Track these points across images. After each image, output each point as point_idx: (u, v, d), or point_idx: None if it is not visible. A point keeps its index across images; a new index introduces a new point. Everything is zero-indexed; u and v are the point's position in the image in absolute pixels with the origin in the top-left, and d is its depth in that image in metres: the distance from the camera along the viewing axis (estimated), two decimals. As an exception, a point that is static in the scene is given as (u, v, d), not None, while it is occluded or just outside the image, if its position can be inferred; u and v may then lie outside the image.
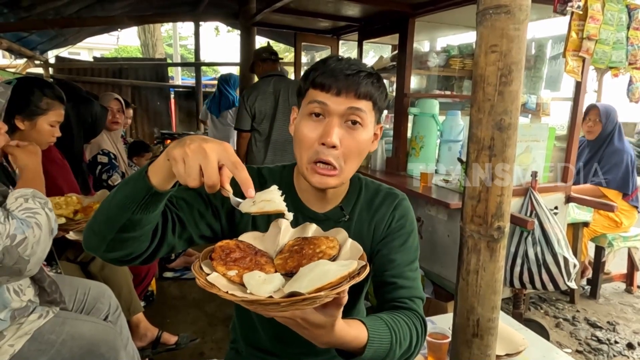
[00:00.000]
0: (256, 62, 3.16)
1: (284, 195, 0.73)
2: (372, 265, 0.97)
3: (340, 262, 0.72)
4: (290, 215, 0.74)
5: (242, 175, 0.65)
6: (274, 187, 0.74)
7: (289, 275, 0.72)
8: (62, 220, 1.52)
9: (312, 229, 0.85)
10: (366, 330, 0.78)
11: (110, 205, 0.74)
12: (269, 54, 3.11)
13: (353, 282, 0.65)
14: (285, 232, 0.82)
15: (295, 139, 0.91)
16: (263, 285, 0.65)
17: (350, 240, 0.80)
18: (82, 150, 2.18)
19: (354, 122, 0.87)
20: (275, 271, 0.73)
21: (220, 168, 0.65)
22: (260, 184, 0.98)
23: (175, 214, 0.86)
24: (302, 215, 0.96)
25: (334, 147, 0.85)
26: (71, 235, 1.61)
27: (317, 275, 0.65)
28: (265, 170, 1.01)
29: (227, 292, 0.63)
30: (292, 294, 0.62)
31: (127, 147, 3.47)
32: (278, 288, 0.66)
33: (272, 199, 0.70)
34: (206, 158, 0.63)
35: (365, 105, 0.87)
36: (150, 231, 0.79)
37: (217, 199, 0.92)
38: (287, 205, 0.93)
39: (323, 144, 0.85)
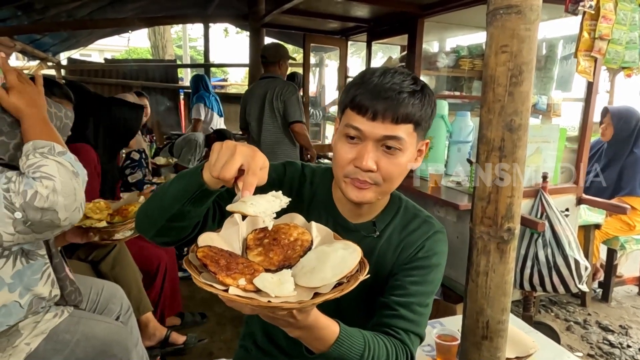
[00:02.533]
0: (283, 62, 3.12)
1: (288, 204, 0.73)
2: (385, 285, 0.95)
3: (339, 247, 0.73)
4: (270, 224, 0.72)
5: (247, 178, 0.71)
6: (272, 193, 0.74)
7: (281, 268, 0.71)
8: (104, 224, 1.55)
9: (262, 219, 0.83)
10: (338, 328, 0.78)
11: (164, 195, 0.81)
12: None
13: (366, 266, 0.70)
14: (241, 226, 0.81)
15: (333, 157, 0.91)
16: (282, 285, 0.64)
17: (313, 223, 0.80)
18: (116, 154, 2.21)
19: (390, 148, 0.84)
20: (267, 269, 0.72)
21: (243, 171, 0.71)
22: (300, 182, 1.00)
23: (217, 203, 0.90)
24: (333, 220, 0.96)
25: (369, 170, 0.85)
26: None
27: (337, 263, 0.68)
28: (308, 170, 1.02)
29: (269, 302, 0.61)
30: (339, 284, 0.65)
31: None
32: (294, 284, 0.66)
33: (247, 201, 0.69)
34: (232, 156, 0.70)
35: (403, 130, 0.83)
36: (196, 222, 0.85)
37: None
38: (319, 210, 0.94)
39: (358, 167, 0.85)
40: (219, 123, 4.86)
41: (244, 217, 0.83)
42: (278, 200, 0.73)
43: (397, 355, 0.85)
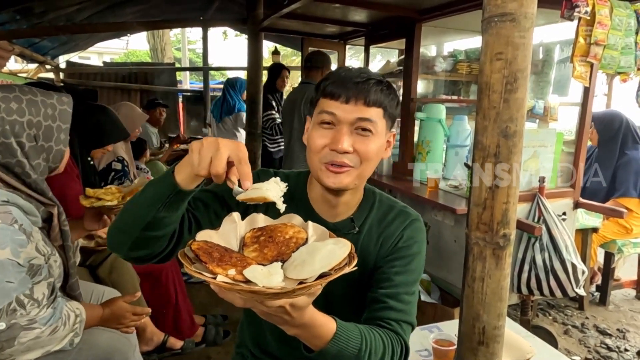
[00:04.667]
0: (327, 69, 3.14)
1: (287, 188, 0.76)
2: (371, 280, 0.97)
3: (330, 242, 0.74)
4: (282, 206, 0.74)
5: (243, 169, 0.72)
6: (273, 179, 0.76)
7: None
8: (115, 203, 1.51)
9: (261, 219, 0.85)
10: (335, 324, 0.78)
11: (138, 203, 0.80)
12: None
13: (355, 259, 0.71)
14: (239, 225, 0.82)
15: (307, 146, 0.93)
16: (271, 276, 0.66)
17: (310, 222, 0.82)
18: (87, 154, 2.20)
19: (364, 130, 0.88)
20: (260, 264, 0.73)
21: (231, 164, 0.72)
22: None
23: (192, 214, 0.90)
24: (311, 221, 0.96)
25: (346, 152, 0.87)
26: (81, 242, 1.63)
27: (326, 256, 0.69)
28: (281, 175, 1.02)
29: (263, 287, 0.63)
30: (323, 274, 0.66)
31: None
32: (283, 276, 0.67)
33: (261, 187, 0.72)
34: (217, 151, 0.70)
35: (375, 113, 0.88)
36: (172, 232, 0.84)
37: (232, 200, 0.93)
38: (297, 213, 0.92)
39: (334, 150, 0.87)
40: (215, 127, 4.81)
41: (243, 216, 0.84)
42: (279, 185, 0.76)
43: (392, 346, 0.87)
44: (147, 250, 0.83)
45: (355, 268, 0.69)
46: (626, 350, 2.50)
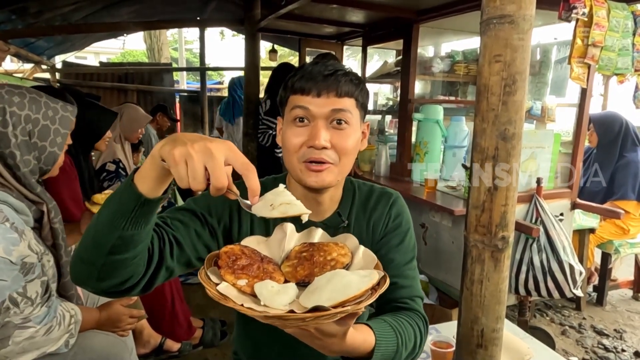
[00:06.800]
0: None
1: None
2: None
3: (359, 273, 0.68)
4: (307, 214, 0.69)
5: (252, 179, 0.61)
6: (282, 186, 0.71)
7: (301, 284, 0.69)
8: None
9: (318, 234, 0.82)
10: (373, 334, 0.78)
11: (97, 226, 0.66)
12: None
13: (376, 295, 0.63)
14: (290, 236, 0.79)
15: (283, 147, 0.90)
16: (277, 296, 0.62)
17: (362, 247, 0.78)
18: (85, 156, 2.18)
19: (340, 122, 0.86)
20: (285, 280, 0.70)
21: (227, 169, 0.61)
22: None
23: (172, 235, 0.82)
24: (299, 226, 0.88)
25: (324, 148, 0.84)
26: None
27: (338, 288, 0.62)
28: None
29: (242, 306, 0.58)
30: (316, 309, 0.58)
31: None
32: (293, 299, 0.64)
33: (291, 201, 0.67)
34: (213, 159, 0.57)
35: (348, 104, 0.87)
36: (144, 252, 0.72)
37: (213, 218, 0.90)
38: (282, 217, 0.93)
39: (312, 147, 0.84)
40: (229, 129, 4.70)
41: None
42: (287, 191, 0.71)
43: (417, 323, 0.90)
44: (119, 278, 0.70)
45: (362, 311, 0.63)
46: (623, 350, 2.50)
